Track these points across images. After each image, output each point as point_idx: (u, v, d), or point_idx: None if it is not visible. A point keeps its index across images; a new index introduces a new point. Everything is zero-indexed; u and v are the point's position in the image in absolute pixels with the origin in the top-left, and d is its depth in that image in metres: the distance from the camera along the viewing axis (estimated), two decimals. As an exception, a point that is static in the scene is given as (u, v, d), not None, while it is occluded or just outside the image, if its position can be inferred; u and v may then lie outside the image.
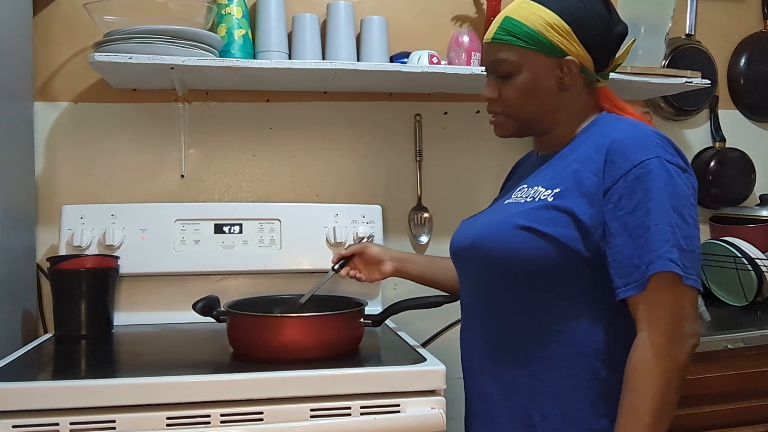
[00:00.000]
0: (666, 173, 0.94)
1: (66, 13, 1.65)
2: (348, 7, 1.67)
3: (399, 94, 1.83)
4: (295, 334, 1.22)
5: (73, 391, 1.05)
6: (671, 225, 0.93)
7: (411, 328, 1.52)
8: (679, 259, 0.92)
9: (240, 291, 1.64)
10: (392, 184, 1.82)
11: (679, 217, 0.93)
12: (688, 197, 0.96)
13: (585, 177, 1.00)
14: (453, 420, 1.16)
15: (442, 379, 1.14)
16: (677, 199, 0.94)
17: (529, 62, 1.05)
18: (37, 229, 1.62)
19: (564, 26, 1.03)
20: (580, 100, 1.09)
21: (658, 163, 0.95)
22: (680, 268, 0.92)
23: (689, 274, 0.93)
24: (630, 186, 0.95)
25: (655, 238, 0.93)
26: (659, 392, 0.91)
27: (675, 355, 0.92)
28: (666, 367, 0.91)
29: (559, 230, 0.99)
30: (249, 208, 1.67)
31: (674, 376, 0.92)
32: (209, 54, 1.50)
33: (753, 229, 1.85)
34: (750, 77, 2.05)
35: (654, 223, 0.93)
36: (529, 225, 1.01)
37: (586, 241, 0.98)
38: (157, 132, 1.70)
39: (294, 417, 1.09)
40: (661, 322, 0.93)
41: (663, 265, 0.92)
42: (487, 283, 1.10)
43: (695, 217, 0.96)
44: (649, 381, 0.91)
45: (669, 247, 0.92)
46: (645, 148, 0.96)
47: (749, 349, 1.44)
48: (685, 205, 0.95)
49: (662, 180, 0.94)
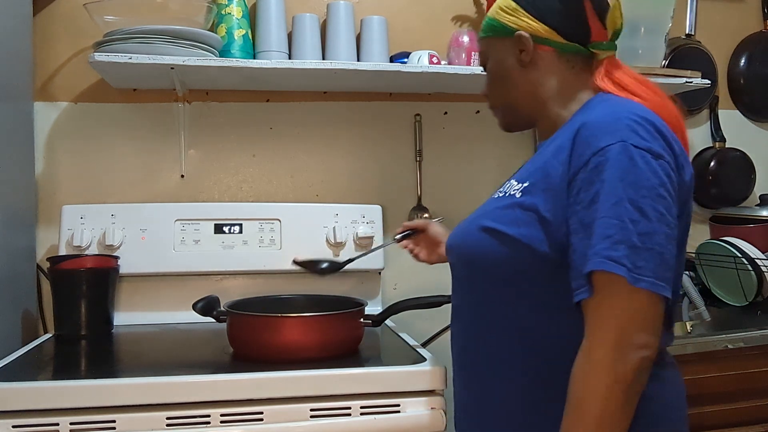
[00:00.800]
0: (627, 160, 0.83)
1: (66, 13, 1.65)
2: (348, 7, 1.67)
3: (399, 94, 1.83)
4: (295, 334, 1.22)
5: (73, 391, 1.05)
6: (621, 219, 0.81)
7: (411, 328, 1.52)
8: (626, 258, 0.80)
9: (240, 291, 1.64)
10: (392, 184, 1.82)
11: (637, 210, 0.81)
12: (654, 187, 0.83)
13: (553, 168, 0.91)
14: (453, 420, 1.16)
15: (442, 379, 1.14)
16: (636, 189, 0.82)
17: (491, 49, 1.06)
18: (37, 229, 1.62)
19: (511, 5, 1.02)
20: (560, 76, 1.00)
21: (619, 148, 0.84)
22: (624, 269, 0.80)
23: (642, 275, 0.80)
24: (589, 177, 0.85)
25: (597, 233, 0.82)
26: (599, 409, 0.79)
27: (617, 369, 0.79)
28: (606, 382, 0.79)
29: (522, 230, 0.91)
30: (249, 208, 1.67)
31: (617, 393, 0.79)
32: (209, 54, 1.50)
33: (753, 229, 1.85)
34: (750, 77, 2.05)
35: (600, 216, 0.82)
36: (492, 226, 0.95)
37: (550, 241, 0.89)
38: (157, 132, 1.71)
39: (294, 417, 1.09)
40: (603, 330, 0.81)
41: (597, 263, 0.81)
42: (461, 284, 1.06)
43: (662, 210, 0.83)
44: (588, 396, 0.81)
45: (610, 243, 0.81)
46: (609, 133, 0.86)
47: (749, 349, 1.44)
48: (647, 196, 0.82)
49: (620, 168, 0.83)
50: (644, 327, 0.81)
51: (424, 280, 1.79)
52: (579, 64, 1.01)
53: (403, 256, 1.80)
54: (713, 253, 1.77)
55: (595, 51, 1.00)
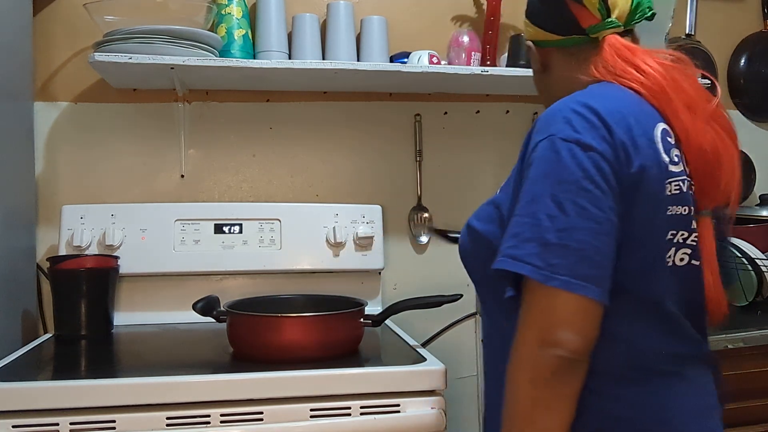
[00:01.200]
0: (553, 154, 0.81)
1: (66, 13, 1.65)
2: (348, 7, 1.67)
3: (399, 94, 1.83)
4: (295, 334, 1.22)
5: (73, 391, 1.05)
6: (534, 216, 0.80)
7: (411, 328, 1.52)
8: (536, 256, 0.78)
9: (240, 291, 1.64)
10: (392, 184, 1.82)
11: (556, 205, 0.79)
12: (577, 180, 0.80)
13: (516, 165, 0.91)
14: (453, 420, 1.16)
15: (442, 379, 1.14)
16: (558, 183, 0.80)
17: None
18: (37, 229, 1.62)
19: (525, 20, 1.05)
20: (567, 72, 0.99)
21: (547, 143, 0.83)
22: (531, 267, 0.78)
23: (555, 273, 0.77)
24: (525, 174, 0.85)
25: (507, 232, 0.82)
26: (519, 407, 0.79)
27: (534, 367, 0.78)
28: (523, 380, 0.79)
29: (486, 226, 0.92)
30: (249, 208, 1.67)
31: (534, 392, 0.78)
32: (209, 54, 1.50)
33: (753, 229, 1.85)
34: (750, 77, 2.05)
35: (515, 214, 0.82)
36: (470, 222, 0.97)
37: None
38: (157, 132, 1.70)
39: (294, 417, 1.09)
40: (522, 327, 0.81)
41: (500, 262, 0.81)
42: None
43: (584, 204, 0.79)
44: (511, 394, 0.80)
45: (517, 241, 0.80)
46: (546, 126, 0.85)
47: (749, 349, 1.44)
48: (568, 191, 0.79)
49: (544, 163, 0.82)
50: (561, 325, 0.78)
51: (424, 280, 1.79)
52: (583, 54, 0.98)
53: (403, 256, 1.81)
54: (713, 253, 1.77)
55: (594, 35, 0.96)
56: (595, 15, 0.96)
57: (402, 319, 1.42)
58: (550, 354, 0.78)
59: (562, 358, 0.78)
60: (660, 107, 0.90)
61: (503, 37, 1.80)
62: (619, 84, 0.92)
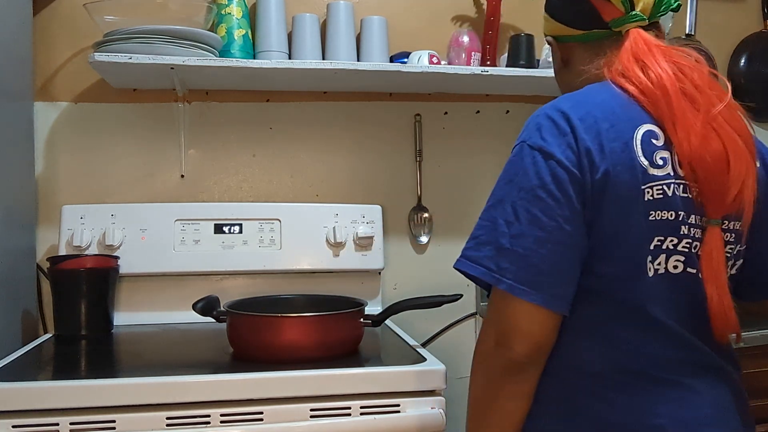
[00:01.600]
0: (519, 160, 0.85)
1: (66, 13, 1.65)
2: (348, 7, 1.67)
3: (399, 94, 1.83)
4: (295, 334, 1.22)
5: (73, 391, 1.05)
6: (493, 220, 0.84)
7: (411, 328, 1.52)
8: (490, 259, 0.83)
9: (240, 291, 1.64)
10: (392, 184, 1.82)
11: (513, 211, 0.83)
12: (533, 189, 0.82)
13: None
14: (453, 420, 1.16)
15: (442, 379, 1.14)
16: (518, 190, 0.84)
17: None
18: (37, 229, 1.62)
19: (544, 15, 1.04)
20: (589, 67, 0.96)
21: (516, 149, 0.87)
22: (483, 269, 0.83)
23: (504, 277, 0.82)
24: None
25: (471, 234, 0.87)
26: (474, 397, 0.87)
27: (486, 363, 0.86)
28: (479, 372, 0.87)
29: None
30: (249, 208, 1.67)
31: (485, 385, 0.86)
32: (209, 54, 1.50)
33: (753, 229, 1.85)
34: (750, 77, 2.05)
35: (479, 218, 0.87)
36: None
37: None
38: (157, 132, 1.71)
39: (294, 417, 1.09)
40: (484, 324, 0.87)
41: (458, 262, 0.86)
42: None
43: (535, 213, 0.82)
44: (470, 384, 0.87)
45: (475, 243, 0.85)
46: (522, 132, 0.88)
47: (749, 349, 1.44)
48: (524, 198, 0.83)
49: (509, 169, 0.86)
50: (511, 328, 0.82)
51: (424, 280, 1.79)
52: (605, 48, 0.95)
53: (403, 256, 1.81)
54: (713, 253, 1.77)
55: (617, 29, 0.93)
56: (619, 8, 0.93)
57: (402, 319, 1.42)
58: (502, 354, 0.83)
59: (512, 360, 0.83)
60: (655, 111, 0.87)
61: (503, 37, 1.80)
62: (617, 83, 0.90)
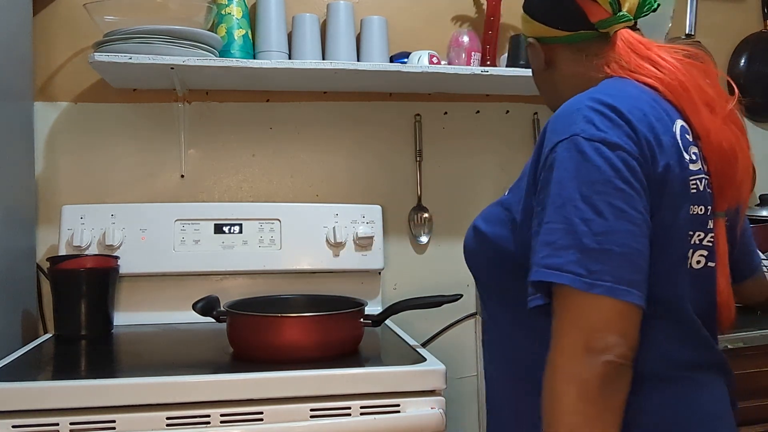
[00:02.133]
0: (578, 155, 0.77)
1: (66, 13, 1.65)
2: (348, 7, 1.67)
3: (399, 94, 1.83)
4: (295, 334, 1.22)
5: (73, 391, 1.05)
6: (568, 222, 0.75)
7: (411, 328, 1.52)
8: (576, 264, 0.74)
9: (240, 291, 1.64)
10: (392, 184, 1.82)
11: (591, 208, 0.75)
12: (610, 180, 0.75)
13: (528, 165, 0.87)
14: (453, 420, 1.16)
15: (442, 379, 1.14)
16: (589, 185, 0.75)
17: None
18: (37, 229, 1.62)
19: (524, 15, 1.01)
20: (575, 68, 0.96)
21: (569, 144, 0.78)
22: (571, 276, 0.74)
23: (598, 280, 0.73)
24: (545, 176, 0.80)
25: (539, 241, 0.77)
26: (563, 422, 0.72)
27: (581, 378, 0.72)
28: (571, 394, 0.72)
29: (495, 229, 0.90)
30: (249, 208, 1.67)
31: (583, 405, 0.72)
32: (209, 54, 1.50)
33: (753, 229, 1.85)
34: (750, 77, 2.05)
35: (545, 221, 0.77)
36: (476, 224, 0.95)
37: (516, 240, 0.86)
38: (157, 132, 1.71)
39: (294, 417, 1.09)
40: (560, 336, 0.75)
41: (536, 273, 0.76)
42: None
43: (620, 205, 0.75)
44: (556, 411, 0.73)
45: (551, 250, 0.75)
46: (565, 127, 0.80)
47: (749, 349, 1.44)
48: (602, 192, 0.75)
49: (569, 165, 0.77)
50: (606, 329, 0.73)
51: (424, 280, 1.79)
52: (593, 49, 0.94)
53: (403, 256, 1.81)
54: (713, 253, 1.77)
55: (604, 30, 0.92)
56: (606, 9, 0.92)
57: (402, 319, 1.42)
58: (599, 361, 0.72)
59: (611, 363, 0.72)
60: (678, 103, 0.86)
61: (503, 37, 1.80)
62: (633, 80, 0.88)
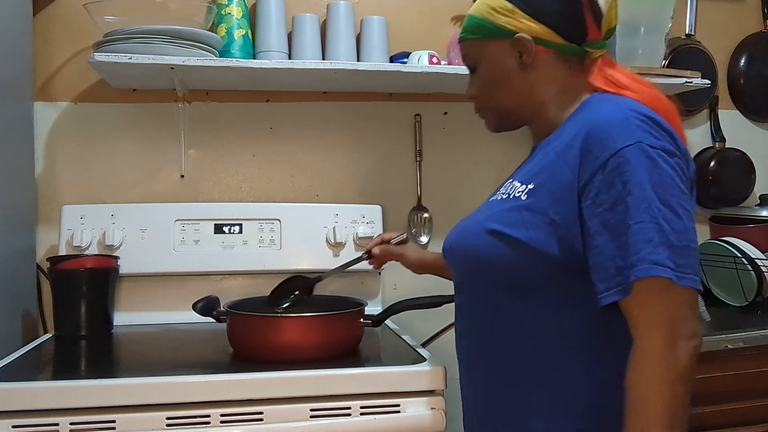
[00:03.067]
0: (648, 160, 0.84)
1: (66, 13, 1.65)
2: (348, 7, 1.67)
3: (399, 94, 1.83)
4: (295, 334, 1.22)
5: (73, 391, 1.05)
6: (656, 221, 0.82)
7: (411, 328, 1.52)
8: (669, 259, 0.81)
9: (240, 291, 1.64)
10: (392, 184, 1.82)
11: (669, 209, 0.83)
12: (677, 185, 0.85)
13: (559, 170, 0.91)
14: (453, 420, 1.16)
15: (442, 379, 1.14)
16: (664, 188, 0.83)
17: (485, 51, 1.03)
18: (37, 229, 1.62)
19: (506, 6, 0.99)
20: (558, 78, 1.00)
21: (637, 150, 0.84)
22: (670, 270, 0.81)
23: (684, 273, 0.82)
24: (608, 179, 0.85)
25: (636, 239, 0.82)
26: (665, 404, 0.80)
27: (676, 361, 0.81)
28: (668, 377, 0.81)
29: (530, 233, 0.91)
30: (249, 208, 1.67)
31: (679, 384, 0.81)
32: (209, 54, 1.50)
33: (753, 229, 1.85)
34: (750, 77, 2.05)
35: (635, 221, 0.83)
36: (499, 229, 0.94)
37: (560, 243, 0.89)
38: (157, 132, 1.70)
39: (294, 417, 1.09)
40: (655, 326, 0.82)
41: (646, 270, 0.82)
42: (466, 286, 1.05)
43: (687, 207, 0.85)
44: (652, 394, 0.81)
45: (652, 247, 0.82)
46: (624, 133, 0.86)
47: (749, 349, 1.44)
48: (674, 195, 0.84)
49: (643, 169, 0.83)
50: (691, 317, 0.84)
51: (424, 280, 1.78)
52: (575, 63, 1.00)
53: (403, 256, 1.81)
54: (713, 253, 1.77)
55: (589, 50, 1.00)
56: (600, 32, 1.00)
57: (402, 319, 1.42)
58: (689, 346, 0.82)
59: (696, 347, 0.83)
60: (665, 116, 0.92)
61: (503, 37, 1.79)
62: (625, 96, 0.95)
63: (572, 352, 0.92)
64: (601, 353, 0.91)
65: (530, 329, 0.95)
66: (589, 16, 0.99)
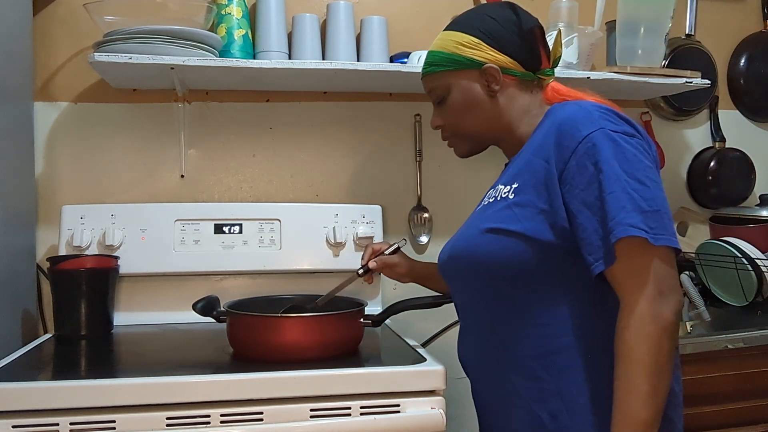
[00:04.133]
0: (611, 142, 0.95)
1: (66, 13, 1.65)
2: (348, 7, 1.67)
3: (399, 94, 1.83)
4: (295, 334, 1.22)
5: (73, 391, 1.05)
6: (626, 191, 0.92)
7: (411, 328, 1.52)
8: (643, 222, 0.90)
9: (240, 291, 1.64)
10: (392, 184, 1.82)
11: (636, 181, 0.92)
12: (641, 160, 0.95)
13: (538, 165, 1.01)
14: (453, 420, 1.16)
15: (442, 379, 1.14)
16: (629, 163, 0.93)
17: (454, 81, 1.14)
18: (37, 229, 1.62)
19: (473, 40, 1.11)
20: (522, 100, 1.13)
21: (601, 134, 0.95)
22: (644, 231, 0.90)
23: (658, 234, 0.91)
24: (580, 162, 0.96)
25: (611, 207, 0.92)
26: (652, 357, 0.88)
27: (661, 316, 0.89)
28: (654, 330, 0.89)
29: (524, 224, 1.00)
30: (249, 208, 1.67)
31: (664, 338, 0.89)
32: (209, 54, 1.50)
33: (753, 229, 1.85)
34: (750, 77, 2.05)
35: (608, 192, 0.92)
36: (495, 226, 1.03)
37: (553, 228, 0.98)
38: (157, 132, 1.71)
39: (294, 417, 1.09)
40: (639, 286, 0.90)
41: (623, 230, 0.90)
42: (472, 292, 1.11)
43: (654, 178, 0.95)
44: (639, 347, 0.89)
45: (626, 212, 0.91)
46: (588, 123, 0.97)
47: (749, 349, 1.44)
48: (639, 168, 0.94)
49: (609, 150, 0.94)
50: (670, 275, 0.92)
51: (424, 280, 1.79)
52: (534, 87, 1.14)
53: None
54: (713, 253, 1.77)
55: (542, 77, 1.14)
56: (549, 62, 1.15)
57: (402, 319, 1.42)
58: (672, 300, 0.91)
59: (679, 301, 0.92)
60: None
61: (503, 37, 1.79)
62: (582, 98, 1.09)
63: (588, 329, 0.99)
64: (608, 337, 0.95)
65: (538, 317, 1.01)
66: (542, 48, 1.13)
